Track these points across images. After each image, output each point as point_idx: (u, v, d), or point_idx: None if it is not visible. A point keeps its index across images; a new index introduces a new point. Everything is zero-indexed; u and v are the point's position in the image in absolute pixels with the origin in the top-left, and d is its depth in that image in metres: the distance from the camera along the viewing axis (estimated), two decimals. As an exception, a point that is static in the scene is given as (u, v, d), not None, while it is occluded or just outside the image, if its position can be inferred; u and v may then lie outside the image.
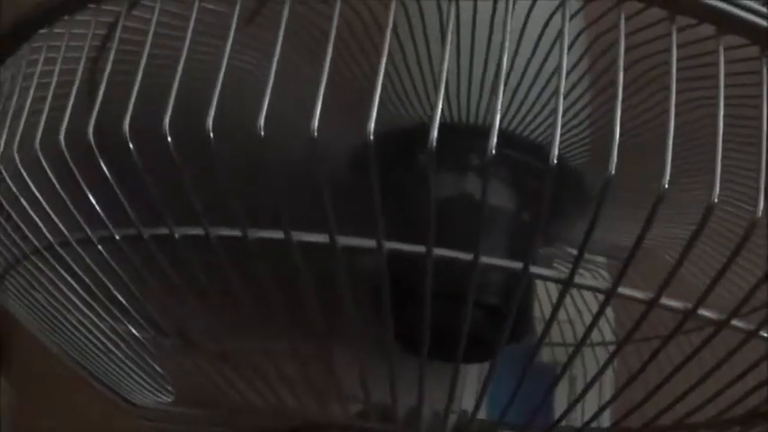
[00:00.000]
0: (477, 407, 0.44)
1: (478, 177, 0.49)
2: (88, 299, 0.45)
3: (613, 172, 0.34)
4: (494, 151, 0.34)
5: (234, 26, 0.37)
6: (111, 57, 0.39)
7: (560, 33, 0.35)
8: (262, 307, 0.43)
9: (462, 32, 0.47)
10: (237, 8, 0.38)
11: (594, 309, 0.57)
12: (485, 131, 0.49)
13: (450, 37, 0.36)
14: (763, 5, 0.35)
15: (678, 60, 0.37)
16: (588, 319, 0.57)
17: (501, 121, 0.49)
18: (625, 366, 0.47)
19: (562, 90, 0.36)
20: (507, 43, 0.36)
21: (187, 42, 0.38)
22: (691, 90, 0.44)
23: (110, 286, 0.43)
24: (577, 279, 0.36)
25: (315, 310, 0.41)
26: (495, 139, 0.34)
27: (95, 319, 0.46)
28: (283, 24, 0.37)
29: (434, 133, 0.34)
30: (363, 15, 0.46)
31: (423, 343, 0.40)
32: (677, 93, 0.37)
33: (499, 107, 0.35)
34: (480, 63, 0.48)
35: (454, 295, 0.41)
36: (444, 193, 0.49)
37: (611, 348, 0.56)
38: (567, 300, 0.59)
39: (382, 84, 0.50)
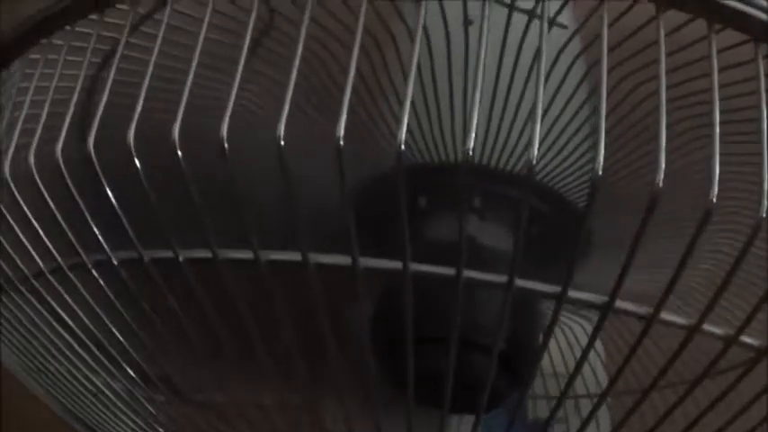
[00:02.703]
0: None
1: (479, 219, 0.45)
2: (77, 347, 0.40)
3: (661, 184, 0.30)
4: (534, 161, 0.30)
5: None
6: (111, 79, 0.35)
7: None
8: (249, 357, 0.38)
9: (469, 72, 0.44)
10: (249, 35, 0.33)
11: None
12: (485, 172, 0.46)
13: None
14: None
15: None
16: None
17: (501, 161, 0.45)
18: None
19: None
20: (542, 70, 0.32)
21: (194, 65, 0.34)
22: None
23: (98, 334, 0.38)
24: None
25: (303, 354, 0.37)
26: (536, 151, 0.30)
27: (85, 370, 0.41)
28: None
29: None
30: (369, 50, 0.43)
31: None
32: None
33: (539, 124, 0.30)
34: (486, 103, 0.44)
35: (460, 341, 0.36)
36: (444, 236, 0.44)
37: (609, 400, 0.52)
38: (556, 353, 0.55)
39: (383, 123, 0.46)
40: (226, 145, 0.31)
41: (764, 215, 0.30)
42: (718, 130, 0.30)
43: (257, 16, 0.43)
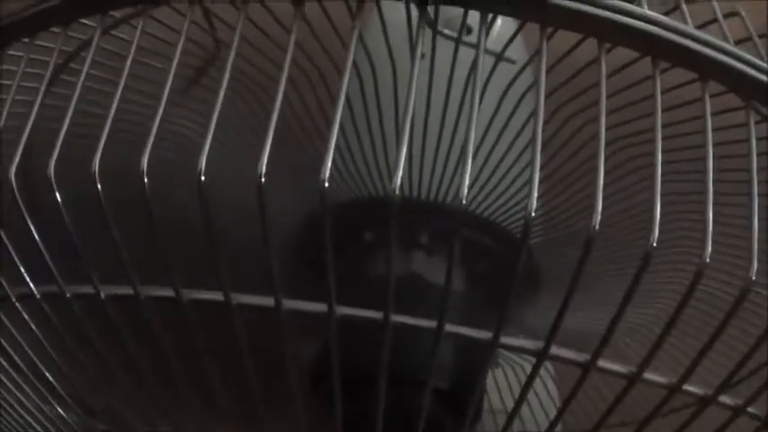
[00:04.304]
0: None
1: (427, 256, 0.42)
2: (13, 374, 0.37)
3: (597, 226, 0.27)
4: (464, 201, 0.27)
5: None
6: (40, 97, 0.32)
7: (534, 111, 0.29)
8: (198, 388, 0.35)
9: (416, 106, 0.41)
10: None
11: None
12: (433, 208, 0.43)
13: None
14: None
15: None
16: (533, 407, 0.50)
17: (449, 197, 0.43)
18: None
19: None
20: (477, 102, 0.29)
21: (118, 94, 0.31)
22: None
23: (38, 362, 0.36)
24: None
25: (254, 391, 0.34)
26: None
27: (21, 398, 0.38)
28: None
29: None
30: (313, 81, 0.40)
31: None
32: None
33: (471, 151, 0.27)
34: (433, 138, 0.42)
35: (400, 379, 0.34)
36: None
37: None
38: (507, 392, 0.52)
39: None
40: (146, 179, 0.28)
41: (707, 260, 0.27)
42: (660, 170, 0.28)
43: (203, 46, 0.41)
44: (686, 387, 0.29)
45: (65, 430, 0.41)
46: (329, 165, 0.27)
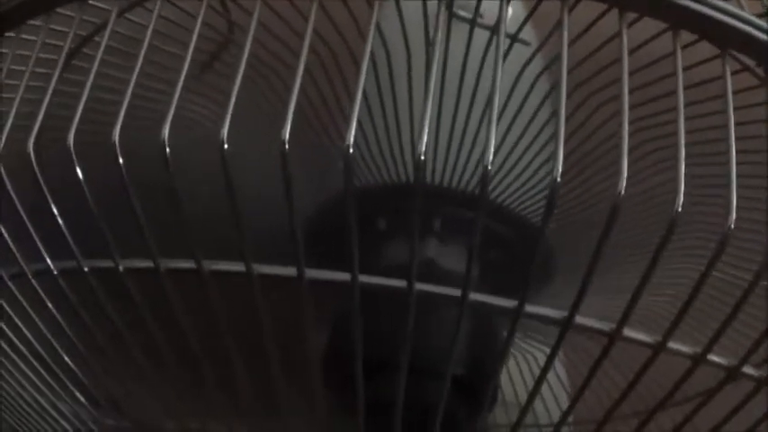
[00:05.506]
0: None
1: (439, 242, 0.42)
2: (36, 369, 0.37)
3: (622, 192, 0.27)
4: (490, 166, 0.27)
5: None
6: (54, 80, 0.32)
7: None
8: (223, 382, 0.35)
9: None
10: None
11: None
12: (446, 194, 0.43)
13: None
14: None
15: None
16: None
17: (462, 184, 0.43)
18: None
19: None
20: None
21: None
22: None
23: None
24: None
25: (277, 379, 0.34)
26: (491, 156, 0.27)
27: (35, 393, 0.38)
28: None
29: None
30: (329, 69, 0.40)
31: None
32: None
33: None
34: (447, 123, 0.42)
35: (416, 367, 0.33)
36: (403, 259, 0.42)
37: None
38: (520, 383, 0.52)
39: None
40: (168, 149, 0.28)
41: (731, 226, 0.27)
42: (683, 137, 0.28)
43: (216, 30, 0.41)
44: (711, 357, 0.29)
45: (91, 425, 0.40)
46: (354, 123, 0.27)
